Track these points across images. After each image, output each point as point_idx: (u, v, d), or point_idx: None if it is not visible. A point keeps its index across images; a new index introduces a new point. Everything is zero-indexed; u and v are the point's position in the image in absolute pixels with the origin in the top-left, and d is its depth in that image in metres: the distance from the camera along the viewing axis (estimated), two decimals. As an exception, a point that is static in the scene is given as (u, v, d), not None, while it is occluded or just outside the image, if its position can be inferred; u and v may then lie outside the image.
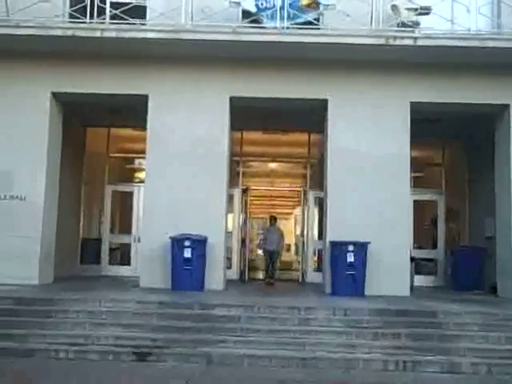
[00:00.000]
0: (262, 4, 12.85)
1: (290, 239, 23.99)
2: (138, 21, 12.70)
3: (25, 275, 12.47)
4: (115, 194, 17.05)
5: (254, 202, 19.28)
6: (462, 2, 12.63)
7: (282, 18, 12.42)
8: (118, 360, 9.06)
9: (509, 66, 12.73)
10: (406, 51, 12.44)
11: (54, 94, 13.31)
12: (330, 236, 12.96)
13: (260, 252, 16.37)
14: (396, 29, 12.60)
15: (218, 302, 10.85)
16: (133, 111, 13.53)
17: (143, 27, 12.67)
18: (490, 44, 12.17)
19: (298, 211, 18.62)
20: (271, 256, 15.94)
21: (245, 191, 16.93)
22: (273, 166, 18.67)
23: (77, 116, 14.76)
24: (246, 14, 12.98)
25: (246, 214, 17.12)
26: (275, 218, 16.68)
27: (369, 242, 12.54)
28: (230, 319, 10.17)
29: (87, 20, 12.39)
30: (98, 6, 12.51)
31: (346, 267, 12.55)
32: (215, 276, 12.93)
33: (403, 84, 13.16)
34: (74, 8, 12.75)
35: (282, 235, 16.42)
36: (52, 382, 8.15)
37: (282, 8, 12.47)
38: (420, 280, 14.65)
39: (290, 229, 26.52)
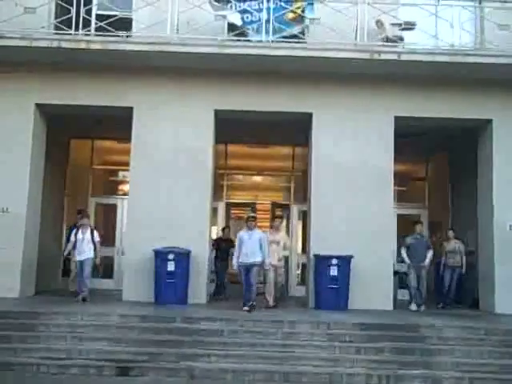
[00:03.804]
0: (247, 17, 12.92)
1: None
2: (123, 33, 12.68)
3: (6, 288, 12.36)
4: (99, 206, 16.94)
5: (238, 214, 19.18)
6: (445, 18, 12.75)
7: (267, 32, 12.48)
8: (99, 374, 9.01)
9: (492, 82, 12.85)
10: (390, 66, 12.54)
11: (38, 106, 13.25)
12: (314, 249, 12.96)
13: (235, 268, 12.26)
14: (380, 44, 12.70)
15: (201, 316, 10.81)
16: (117, 123, 13.49)
17: (129, 39, 12.66)
18: (473, 59, 12.29)
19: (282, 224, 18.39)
20: (247, 272, 11.89)
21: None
22: (257, 179, 18.66)
23: (61, 127, 14.66)
24: (232, 27, 13.02)
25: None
26: (254, 218, 12.61)
27: (352, 256, 12.55)
28: (213, 333, 10.13)
29: (72, 32, 12.36)
30: (84, 18, 12.48)
31: (329, 281, 12.53)
32: (198, 289, 12.86)
33: (387, 98, 13.23)
34: (60, 19, 12.74)
35: (264, 241, 12.07)
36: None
37: (267, 21, 12.53)
38: (403, 294, 14.65)
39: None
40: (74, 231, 12.85)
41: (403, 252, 13.13)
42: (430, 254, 13.05)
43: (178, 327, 10.34)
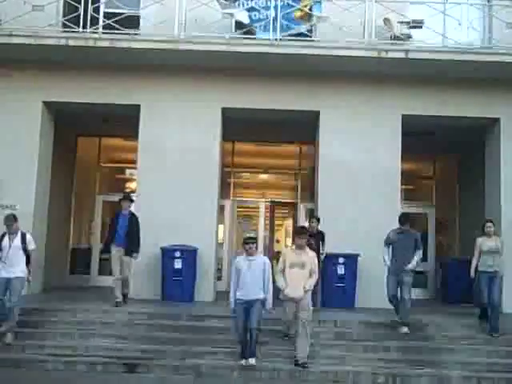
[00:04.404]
0: (255, 15, 12.91)
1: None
2: (131, 31, 12.71)
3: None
4: (106, 203, 16.96)
5: (245, 212, 19.12)
6: (453, 16, 12.72)
7: (274, 30, 12.46)
8: (106, 371, 9.03)
9: (499, 80, 12.82)
10: (397, 64, 12.51)
11: (46, 103, 13.29)
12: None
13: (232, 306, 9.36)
14: (388, 42, 12.68)
15: (207, 313, 10.83)
16: (125, 121, 13.50)
17: (136, 37, 12.67)
18: (481, 58, 12.27)
19: (289, 222, 18.38)
20: (246, 312, 9.14)
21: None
22: (264, 177, 18.64)
23: (68, 125, 14.71)
24: (239, 25, 13.02)
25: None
26: (255, 240, 9.80)
27: (359, 254, 12.53)
28: (219, 330, 10.13)
29: (80, 29, 12.39)
30: (92, 16, 12.52)
31: (336, 279, 12.54)
32: (205, 287, 12.88)
33: (395, 97, 13.21)
34: (68, 17, 12.75)
35: (268, 270, 9.38)
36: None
37: (274, 19, 12.52)
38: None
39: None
40: None
41: (385, 251, 10.80)
42: (417, 255, 10.53)
43: (185, 325, 10.37)
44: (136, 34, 12.84)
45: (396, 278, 10.46)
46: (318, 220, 12.31)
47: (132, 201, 12.24)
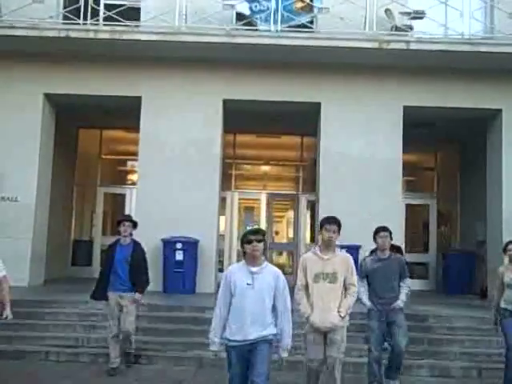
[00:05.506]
0: (255, 7, 12.90)
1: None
2: (131, 22, 12.69)
3: (15, 276, 12.32)
4: (107, 195, 17.00)
5: (247, 204, 19.14)
6: (455, 7, 12.67)
7: (275, 21, 12.44)
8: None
9: (501, 71, 12.79)
10: (399, 55, 12.48)
11: (47, 95, 13.28)
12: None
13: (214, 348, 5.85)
14: (389, 33, 12.66)
15: (209, 305, 10.79)
16: (126, 113, 13.49)
17: (137, 29, 12.66)
18: (483, 49, 12.23)
19: (290, 214, 18.37)
20: (249, 356, 5.54)
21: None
22: (265, 168, 18.64)
23: (69, 117, 14.71)
24: (240, 16, 13.01)
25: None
26: (262, 235, 5.54)
27: (360, 246, 12.51)
28: (221, 322, 10.12)
29: (81, 21, 12.38)
30: (92, 8, 12.51)
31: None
32: (207, 279, 12.91)
33: (396, 88, 13.18)
34: (68, 9, 12.76)
35: (285, 289, 5.57)
36: (42, 385, 8.12)
37: (275, 11, 12.50)
38: (411, 283, 14.61)
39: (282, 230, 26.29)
40: None
41: (360, 285, 7.37)
42: (405, 286, 7.91)
43: (187, 316, 10.38)
44: (137, 26, 12.82)
45: (382, 322, 7.69)
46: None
47: (135, 224, 8.72)
